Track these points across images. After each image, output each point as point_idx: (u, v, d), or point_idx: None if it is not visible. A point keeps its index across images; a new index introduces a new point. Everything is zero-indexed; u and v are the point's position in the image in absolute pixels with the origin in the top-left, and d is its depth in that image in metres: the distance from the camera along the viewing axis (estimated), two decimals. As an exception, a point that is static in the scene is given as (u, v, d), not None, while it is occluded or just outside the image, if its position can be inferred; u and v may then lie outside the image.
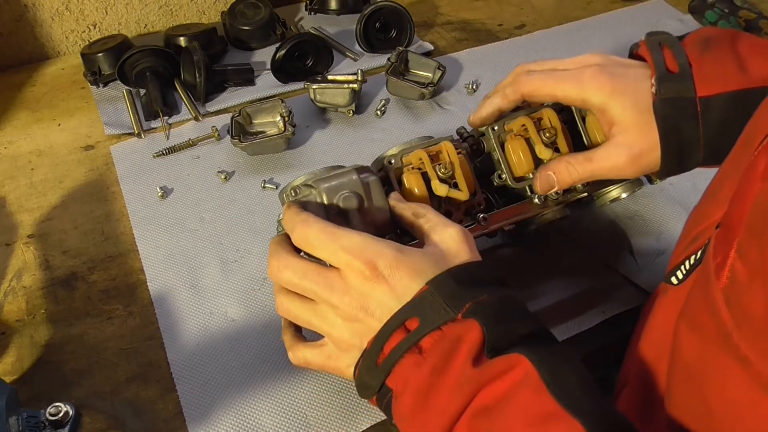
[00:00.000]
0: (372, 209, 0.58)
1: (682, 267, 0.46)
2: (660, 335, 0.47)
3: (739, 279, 0.33)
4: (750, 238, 0.33)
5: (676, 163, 0.54)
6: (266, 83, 0.99)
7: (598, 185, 0.71)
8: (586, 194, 0.70)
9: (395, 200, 0.55)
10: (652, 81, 0.52)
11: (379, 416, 0.61)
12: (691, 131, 0.52)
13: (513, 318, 0.46)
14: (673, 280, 0.47)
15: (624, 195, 0.73)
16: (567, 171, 0.58)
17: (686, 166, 0.55)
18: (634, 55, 0.61)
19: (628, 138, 0.54)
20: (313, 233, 0.48)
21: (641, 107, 0.53)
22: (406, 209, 0.53)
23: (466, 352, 0.42)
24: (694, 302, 0.40)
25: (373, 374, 0.46)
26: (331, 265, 0.49)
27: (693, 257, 0.44)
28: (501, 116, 0.63)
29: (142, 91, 0.96)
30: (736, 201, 0.37)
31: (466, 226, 0.63)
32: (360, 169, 0.60)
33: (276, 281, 0.51)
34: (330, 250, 0.47)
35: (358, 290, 0.46)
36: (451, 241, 0.49)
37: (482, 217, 0.62)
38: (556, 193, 0.66)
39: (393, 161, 0.61)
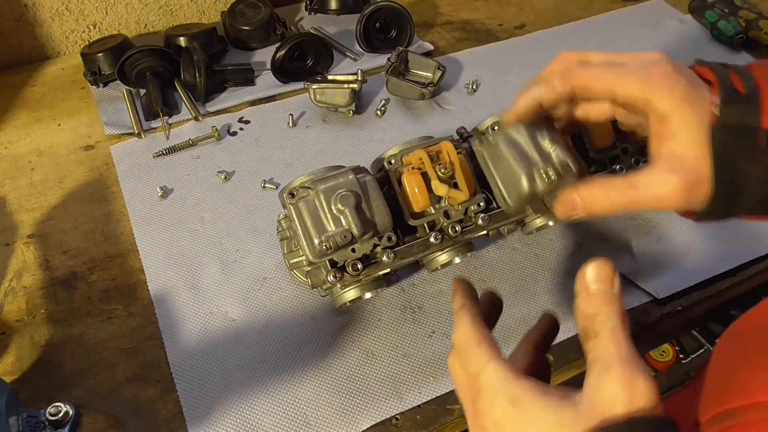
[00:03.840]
0: (370, 208, 0.58)
1: None
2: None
3: None
4: None
5: (724, 202, 0.46)
6: (266, 83, 0.99)
7: None
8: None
9: (581, 299, 0.39)
10: (715, 99, 0.45)
11: (379, 416, 0.61)
12: (745, 167, 0.44)
13: None
14: None
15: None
16: (599, 197, 0.48)
17: (735, 209, 0.47)
18: None
19: (684, 162, 0.45)
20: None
21: (704, 128, 0.44)
22: (579, 315, 0.39)
23: None
24: None
25: None
26: None
27: None
28: (541, 114, 0.52)
29: (142, 91, 0.96)
30: None
31: (466, 226, 0.63)
32: (356, 169, 0.60)
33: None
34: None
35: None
36: (607, 393, 0.35)
37: (482, 217, 0.62)
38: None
39: (393, 161, 0.61)
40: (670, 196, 0.45)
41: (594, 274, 0.38)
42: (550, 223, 0.67)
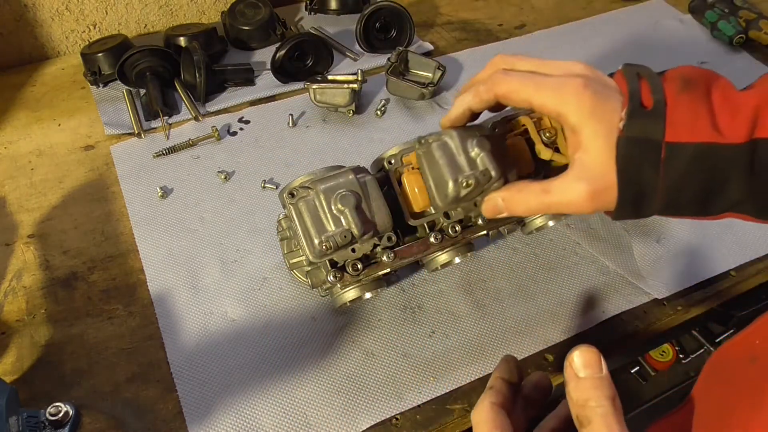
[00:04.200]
0: (370, 208, 0.58)
1: None
2: None
3: None
4: None
5: (631, 207, 0.50)
6: (266, 83, 0.99)
7: None
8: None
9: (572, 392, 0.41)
10: (623, 114, 0.48)
11: (379, 416, 0.61)
12: (650, 177, 0.48)
13: None
14: None
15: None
16: (518, 200, 0.54)
17: (642, 213, 0.51)
18: None
19: (591, 171, 0.49)
20: None
21: (612, 139, 0.48)
22: (571, 404, 0.40)
23: None
24: None
25: None
26: None
27: None
28: (473, 117, 0.58)
29: (142, 91, 0.96)
30: None
31: (466, 226, 0.63)
32: (356, 170, 0.60)
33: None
34: None
35: None
36: None
37: (482, 216, 0.62)
38: None
39: (393, 161, 0.61)
40: (579, 202, 0.50)
41: (581, 361, 0.40)
42: (550, 223, 0.67)
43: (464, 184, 0.55)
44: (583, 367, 0.39)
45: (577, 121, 0.49)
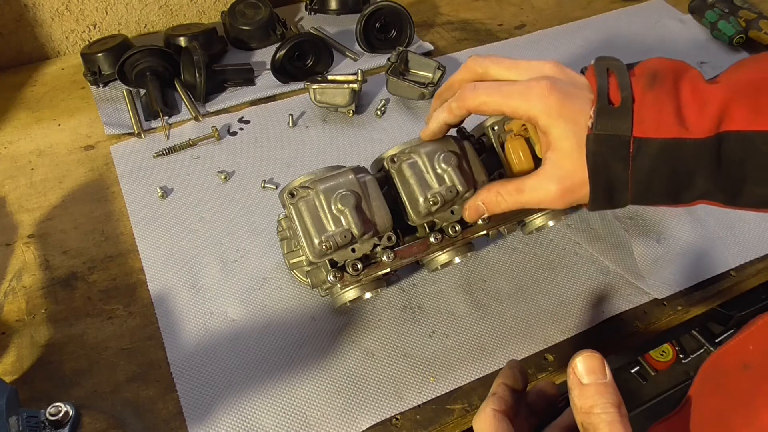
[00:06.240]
0: (370, 208, 0.58)
1: None
2: None
3: None
4: None
5: (604, 200, 0.52)
6: (266, 83, 0.99)
7: None
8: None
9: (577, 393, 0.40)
10: (591, 112, 0.50)
11: (379, 416, 0.61)
12: (619, 171, 0.50)
13: None
14: None
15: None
16: (496, 201, 0.57)
17: (615, 204, 0.53)
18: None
19: (561, 170, 0.52)
20: None
21: (581, 138, 0.50)
22: (576, 411, 0.39)
23: None
24: None
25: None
26: None
27: None
28: (448, 129, 0.61)
29: (142, 91, 0.96)
30: None
31: (466, 226, 0.63)
32: (356, 169, 0.60)
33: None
34: None
35: None
36: None
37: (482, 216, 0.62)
38: None
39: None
40: (551, 199, 0.53)
41: (584, 367, 0.39)
42: (550, 223, 0.67)
43: (432, 201, 0.58)
44: (587, 374, 0.39)
45: (546, 123, 0.51)
